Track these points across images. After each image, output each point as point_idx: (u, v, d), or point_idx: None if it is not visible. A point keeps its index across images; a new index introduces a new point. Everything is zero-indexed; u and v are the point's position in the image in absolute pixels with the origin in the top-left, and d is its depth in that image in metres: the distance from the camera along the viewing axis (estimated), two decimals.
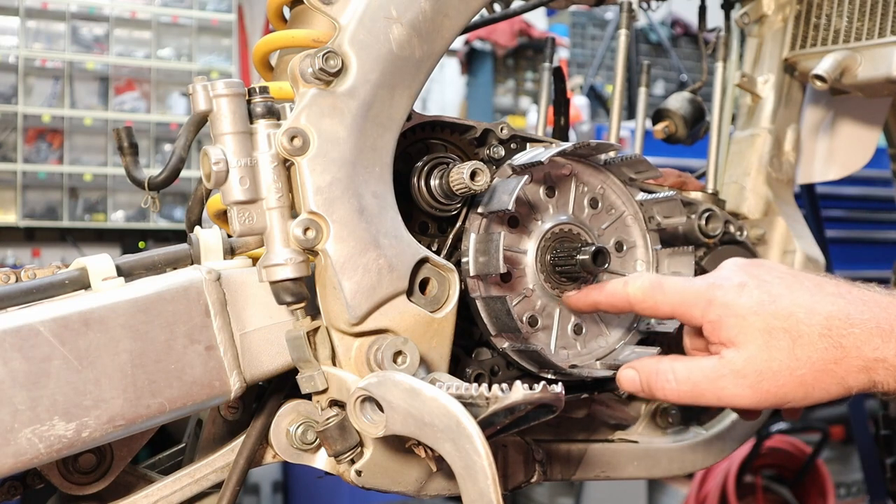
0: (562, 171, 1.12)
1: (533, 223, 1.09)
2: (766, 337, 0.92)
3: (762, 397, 0.93)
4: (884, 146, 2.05)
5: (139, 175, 1.00)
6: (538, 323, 1.08)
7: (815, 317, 0.92)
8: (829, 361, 0.91)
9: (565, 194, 1.12)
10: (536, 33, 7.40)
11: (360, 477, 0.96)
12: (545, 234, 1.09)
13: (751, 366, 0.93)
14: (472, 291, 1.04)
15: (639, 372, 1.01)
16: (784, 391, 0.93)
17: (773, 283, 0.95)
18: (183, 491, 0.98)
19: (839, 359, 0.91)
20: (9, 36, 5.69)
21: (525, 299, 1.08)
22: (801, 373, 0.92)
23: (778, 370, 0.92)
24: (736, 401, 0.95)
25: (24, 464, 0.82)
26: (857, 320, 0.91)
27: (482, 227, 1.05)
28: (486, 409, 0.80)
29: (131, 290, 0.89)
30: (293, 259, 0.89)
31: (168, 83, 6.04)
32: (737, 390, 0.94)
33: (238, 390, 0.92)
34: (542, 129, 1.48)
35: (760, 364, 0.92)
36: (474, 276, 1.04)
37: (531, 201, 1.09)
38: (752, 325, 0.93)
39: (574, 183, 1.13)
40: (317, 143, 0.90)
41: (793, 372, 0.92)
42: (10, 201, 5.59)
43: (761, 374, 0.92)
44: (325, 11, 0.93)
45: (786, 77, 1.57)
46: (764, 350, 0.93)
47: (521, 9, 1.57)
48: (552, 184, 1.11)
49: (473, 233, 1.05)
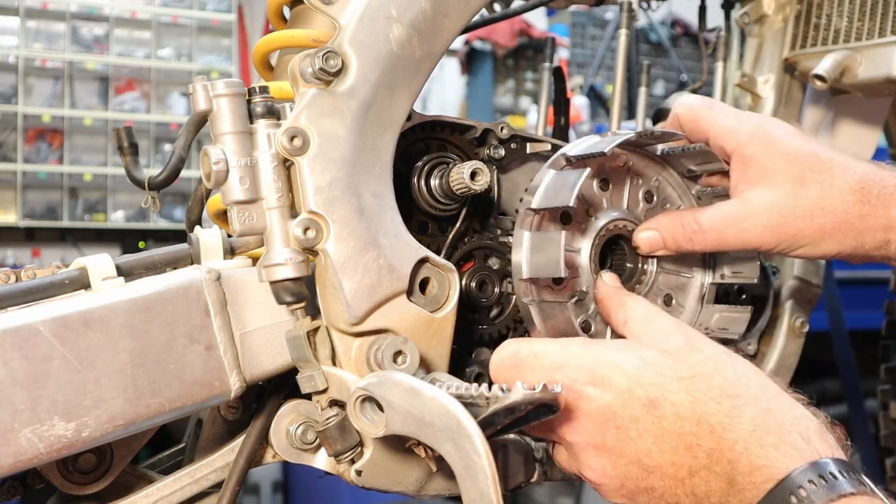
0: (616, 162, 1.04)
1: (586, 219, 1.02)
2: (797, 185, 0.95)
3: (780, 239, 0.97)
4: (884, 146, 2.05)
5: (139, 175, 1.00)
6: (591, 328, 1.02)
7: (850, 174, 0.95)
8: (854, 215, 0.94)
9: (620, 187, 1.04)
10: (536, 33, 7.40)
11: (360, 477, 0.96)
12: (600, 231, 1.01)
13: (774, 209, 0.96)
14: (524, 295, 0.97)
15: (660, 230, 1.02)
16: (801, 235, 0.96)
17: (820, 143, 0.98)
18: (183, 491, 0.98)
19: (864, 214, 0.94)
20: (9, 36, 5.69)
21: (579, 303, 1.01)
22: (822, 221, 0.95)
23: (801, 216, 0.95)
24: (757, 242, 0.98)
25: (24, 464, 0.82)
26: (890, 183, 0.95)
27: (534, 225, 0.97)
28: (486, 409, 0.80)
29: (131, 289, 0.89)
30: (293, 259, 0.89)
31: (168, 83, 6.04)
32: (757, 231, 0.97)
33: (238, 390, 0.92)
34: (542, 129, 1.48)
35: (784, 209, 0.95)
36: (527, 278, 0.95)
37: (585, 195, 1.02)
38: (786, 171, 0.96)
39: (629, 175, 1.04)
40: (317, 142, 0.90)
41: (814, 219, 0.95)
42: (10, 201, 5.59)
43: (784, 217, 0.96)
44: (325, 11, 0.93)
45: (786, 77, 1.57)
46: (791, 197, 0.95)
47: (521, 9, 1.57)
48: (606, 176, 1.03)
49: (526, 230, 0.96)
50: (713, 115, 1.00)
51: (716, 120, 0.99)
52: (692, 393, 0.81)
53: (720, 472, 0.79)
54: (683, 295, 1.11)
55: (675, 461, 0.81)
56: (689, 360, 0.84)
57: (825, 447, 0.78)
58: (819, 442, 0.78)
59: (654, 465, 0.81)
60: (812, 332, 1.52)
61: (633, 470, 0.83)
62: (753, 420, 0.79)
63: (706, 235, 0.99)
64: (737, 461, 0.78)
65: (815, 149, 0.97)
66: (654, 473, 0.82)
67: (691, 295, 1.11)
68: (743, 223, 0.97)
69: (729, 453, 0.78)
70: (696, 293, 1.11)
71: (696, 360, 0.84)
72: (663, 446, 0.81)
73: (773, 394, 0.82)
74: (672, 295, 1.10)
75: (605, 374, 0.84)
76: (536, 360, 0.88)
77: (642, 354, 0.85)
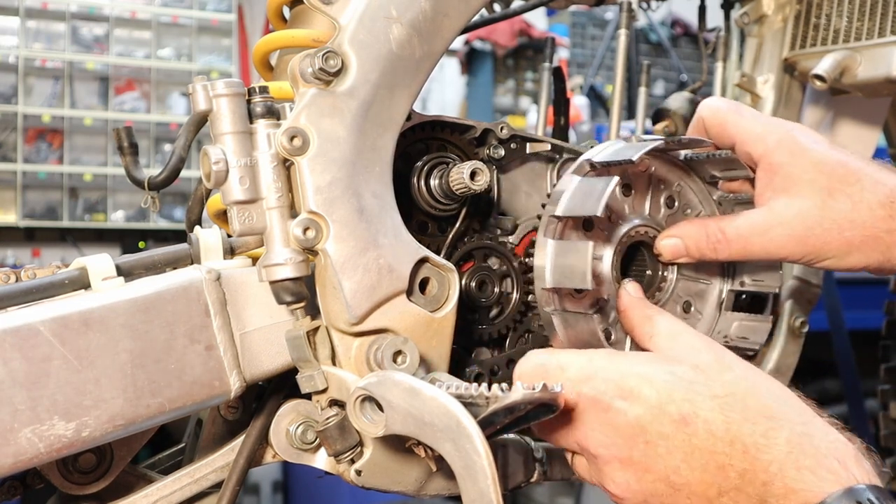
0: (639, 167, 1.02)
1: (608, 225, 0.99)
2: (825, 196, 0.93)
3: (806, 251, 0.95)
4: (884, 146, 2.05)
5: (139, 175, 1.00)
6: (612, 337, 1.01)
7: (880, 187, 0.93)
8: (882, 230, 0.93)
9: (642, 193, 1.02)
10: (536, 33, 7.40)
11: (359, 476, 0.96)
12: (622, 237, 0.99)
13: (801, 220, 0.94)
14: (546, 304, 0.94)
15: (683, 238, 1.00)
16: (828, 247, 0.94)
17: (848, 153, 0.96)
18: (183, 491, 0.98)
19: (892, 229, 0.93)
20: (9, 36, 5.70)
21: (600, 311, 0.99)
22: (850, 234, 0.93)
23: (828, 228, 0.94)
24: (782, 253, 0.96)
25: (24, 464, 0.82)
26: None
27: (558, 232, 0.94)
28: (486, 408, 0.80)
29: (131, 289, 0.89)
30: (293, 259, 0.89)
31: (168, 83, 6.04)
32: (783, 242, 0.95)
33: (238, 390, 0.92)
34: (541, 129, 1.48)
35: (811, 220, 0.94)
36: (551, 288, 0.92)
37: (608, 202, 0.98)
38: (814, 181, 0.93)
39: (652, 180, 1.02)
40: (317, 142, 0.90)
41: (842, 232, 0.93)
42: (10, 201, 5.59)
43: (810, 229, 0.94)
44: (325, 11, 0.93)
45: (786, 77, 1.57)
46: (819, 209, 0.94)
47: (521, 9, 1.57)
48: (629, 181, 1.00)
49: (550, 238, 0.93)
50: (741, 121, 0.97)
51: (743, 125, 0.97)
52: (726, 412, 0.80)
53: (752, 493, 0.77)
54: (702, 302, 1.09)
55: (704, 480, 0.79)
56: (722, 377, 0.83)
57: (862, 473, 0.77)
58: (856, 467, 0.77)
59: (683, 482, 0.80)
60: (812, 332, 1.52)
61: (660, 487, 0.81)
62: (789, 442, 0.77)
63: (731, 245, 0.97)
64: (771, 483, 0.77)
65: (844, 158, 0.95)
66: (682, 491, 0.80)
67: (710, 302, 1.09)
68: (769, 233, 0.95)
69: (763, 475, 0.77)
70: (715, 300, 1.10)
71: (728, 378, 0.83)
72: (693, 464, 0.79)
73: (809, 417, 0.81)
74: (691, 302, 1.08)
75: (634, 388, 0.83)
76: (562, 371, 0.86)
77: (673, 369, 0.83)
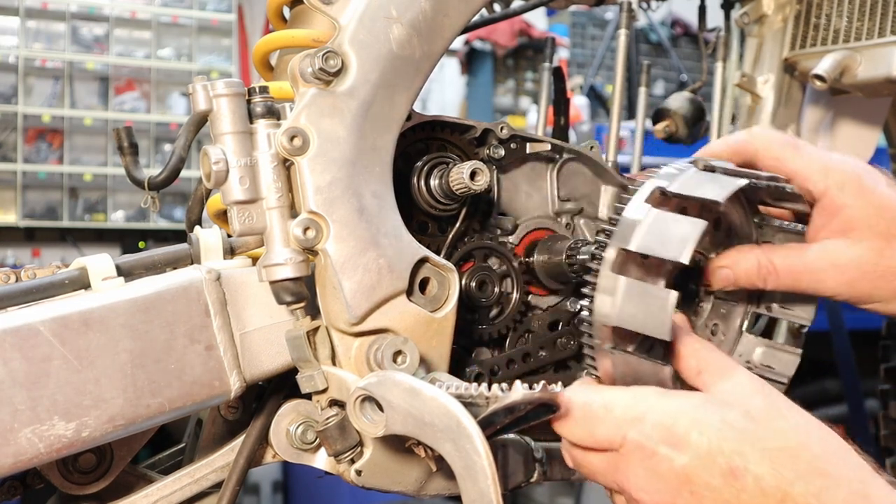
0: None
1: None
2: (882, 242, 0.92)
3: (854, 294, 0.95)
4: (884, 146, 2.06)
5: (139, 175, 1.00)
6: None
7: None
8: None
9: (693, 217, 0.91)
10: (536, 33, 7.40)
11: (359, 476, 0.96)
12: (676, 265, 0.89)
13: (856, 266, 0.93)
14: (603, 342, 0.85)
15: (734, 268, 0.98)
16: (877, 294, 0.94)
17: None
18: (183, 491, 0.98)
19: None
20: (9, 36, 5.69)
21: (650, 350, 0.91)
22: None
23: (881, 275, 0.93)
24: (830, 293, 0.95)
25: (24, 464, 0.82)
26: None
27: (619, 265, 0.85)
28: (485, 408, 0.80)
29: (131, 289, 0.89)
30: (293, 259, 0.89)
31: (168, 83, 6.04)
32: (833, 284, 0.94)
33: (238, 390, 0.93)
34: (541, 129, 1.48)
35: (866, 266, 0.93)
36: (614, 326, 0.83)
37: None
38: (874, 226, 0.92)
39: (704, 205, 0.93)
40: (317, 142, 0.90)
41: (892, 280, 0.93)
42: (10, 201, 5.59)
43: (863, 274, 0.93)
44: (325, 11, 0.93)
45: (786, 77, 1.57)
46: (874, 253, 0.92)
47: (521, 9, 1.57)
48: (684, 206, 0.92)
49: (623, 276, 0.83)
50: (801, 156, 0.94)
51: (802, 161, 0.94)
52: (777, 467, 0.75)
53: None
54: (726, 324, 1.06)
55: None
56: (774, 426, 0.78)
57: None
58: None
59: None
60: (812, 332, 1.51)
61: None
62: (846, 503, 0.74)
63: (780, 278, 0.96)
64: None
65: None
66: None
67: (733, 324, 1.06)
68: (821, 273, 0.94)
69: None
70: (738, 322, 1.06)
71: (781, 427, 0.78)
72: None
73: (867, 475, 0.77)
74: (718, 324, 1.06)
75: (682, 434, 0.78)
76: (608, 412, 0.82)
77: (724, 415, 0.79)
